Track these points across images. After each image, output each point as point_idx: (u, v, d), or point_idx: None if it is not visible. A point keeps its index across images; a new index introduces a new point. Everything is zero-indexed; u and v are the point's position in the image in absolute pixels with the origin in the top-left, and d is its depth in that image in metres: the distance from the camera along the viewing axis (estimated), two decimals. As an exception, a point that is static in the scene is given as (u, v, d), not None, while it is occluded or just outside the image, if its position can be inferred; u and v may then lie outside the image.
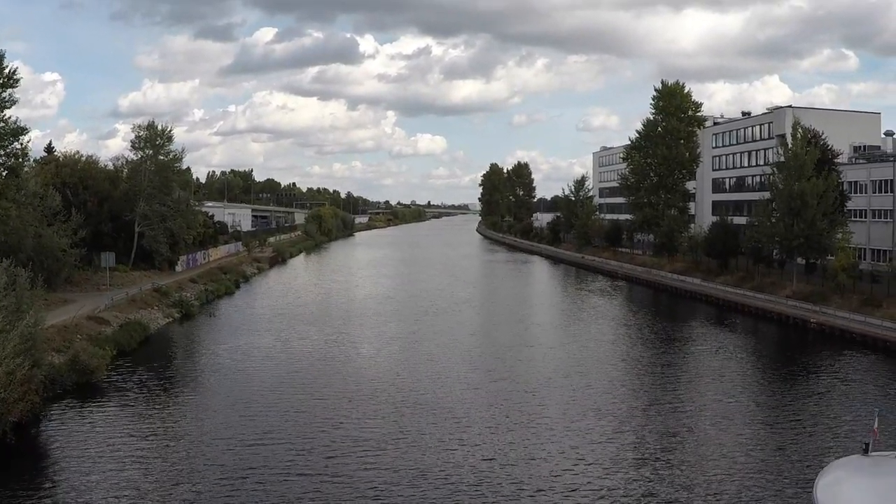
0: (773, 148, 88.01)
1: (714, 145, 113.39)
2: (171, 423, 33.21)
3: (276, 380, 41.07)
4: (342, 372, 43.46)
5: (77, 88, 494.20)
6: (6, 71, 47.62)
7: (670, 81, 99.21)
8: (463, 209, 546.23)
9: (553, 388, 39.64)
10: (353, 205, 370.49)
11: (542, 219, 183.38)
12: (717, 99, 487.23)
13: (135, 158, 79.66)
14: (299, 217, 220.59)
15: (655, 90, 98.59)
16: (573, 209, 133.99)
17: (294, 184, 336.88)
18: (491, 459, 28.45)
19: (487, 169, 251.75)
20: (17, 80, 48.18)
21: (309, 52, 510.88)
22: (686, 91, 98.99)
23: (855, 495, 15.67)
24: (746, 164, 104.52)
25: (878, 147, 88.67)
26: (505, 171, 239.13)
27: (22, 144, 49.63)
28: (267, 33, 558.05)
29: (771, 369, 46.28)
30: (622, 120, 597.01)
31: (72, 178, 71.99)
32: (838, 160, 73.37)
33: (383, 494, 25.08)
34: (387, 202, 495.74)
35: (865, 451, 17.00)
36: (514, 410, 35.32)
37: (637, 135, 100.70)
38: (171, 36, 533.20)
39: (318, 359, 47.01)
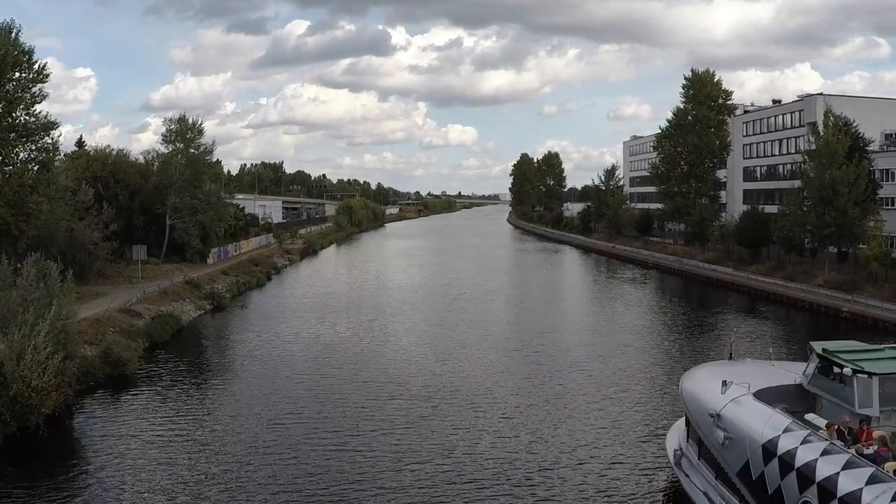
0: (804, 136, 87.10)
1: (745, 133, 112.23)
2: (204, 412, 33.58)
3: (308, 368, 41.48)
4: (374, 358, 43.87)
5: (109, 83, 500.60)
6: (36, 66, 48.08)
7: (701, 70, 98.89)
8: (493, 199, 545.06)
9: (580, 372, 40.11)
10: (384, 196, 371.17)
11: (573, 208, 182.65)
12: (748, 87, 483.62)
13: (166, 152, 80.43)
14: (330, 208, 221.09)
15: (686, 79, 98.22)
16: (604, 199, 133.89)
17: (324, 175, 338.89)
18: (515, 437, 29.42)
19: (518, 159, 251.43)
20: (47, 76, 48.62)
21: (341, 44, 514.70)
22: (716, 79, 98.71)
23: (706, 377, 21.00)
24: (777, 153, 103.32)
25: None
26: (535, 161, 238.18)
27: (52, 139, 50.01)
28: (299, 26, 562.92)
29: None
30: (653, 109, 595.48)
31: (103, 171, 72.60)
32: (870, 148, 72.56)
33: (412, 468, 25.98)
34: (417, 193, 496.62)
35: (730, 358, 23.71)
36: (542, 392, 36.05)
37: (667, 123, 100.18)
38: (203, 30, 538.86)
39: (349, 346, 47.37)
